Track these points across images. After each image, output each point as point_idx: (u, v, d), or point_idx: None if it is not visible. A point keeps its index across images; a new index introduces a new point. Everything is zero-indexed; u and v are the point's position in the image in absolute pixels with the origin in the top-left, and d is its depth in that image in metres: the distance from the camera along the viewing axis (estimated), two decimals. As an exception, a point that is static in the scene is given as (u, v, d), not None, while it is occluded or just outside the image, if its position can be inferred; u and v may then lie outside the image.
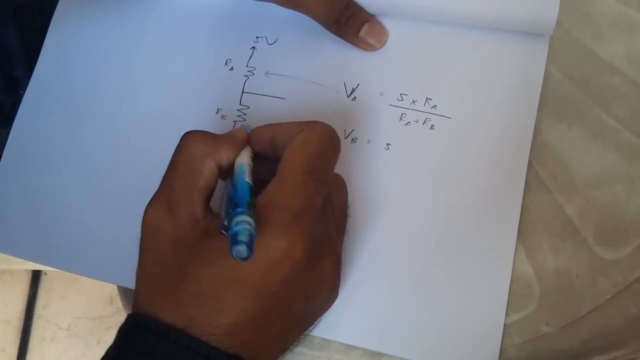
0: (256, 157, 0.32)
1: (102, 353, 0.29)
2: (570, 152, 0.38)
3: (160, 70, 0.43)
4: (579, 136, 0.38)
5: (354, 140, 0.39)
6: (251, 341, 0.28)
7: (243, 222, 0.25)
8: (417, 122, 0.38)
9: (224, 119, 0.41)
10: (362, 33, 0.39)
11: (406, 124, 0.38)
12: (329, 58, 0.40)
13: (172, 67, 0.43)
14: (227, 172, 0.31)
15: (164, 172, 0.40)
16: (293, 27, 0.41)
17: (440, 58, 0.39)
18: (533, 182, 0.37)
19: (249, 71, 0.41)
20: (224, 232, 0.26)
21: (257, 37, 0.42)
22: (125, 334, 0.29)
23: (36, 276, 1.12)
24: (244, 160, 0.31)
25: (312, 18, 0.39)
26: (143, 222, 0.30)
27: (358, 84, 0.40)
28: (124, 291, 0.42)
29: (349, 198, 0.35)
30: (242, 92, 0.41)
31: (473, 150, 0.37)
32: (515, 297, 0.36)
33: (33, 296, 1.11)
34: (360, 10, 0.39)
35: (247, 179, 0.29)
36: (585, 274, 0.36)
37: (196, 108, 0.41)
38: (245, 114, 0.40)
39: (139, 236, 0.30)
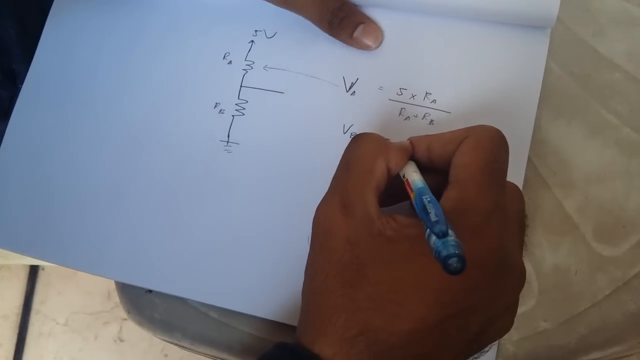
0: None
1: (99, 348, 0.29)
2: (569, 148, 0.37)
3: (158, 64, 0.43)
4: (579, 132, 0.38)
5: (353, 135, 0.38)
6: (426, 355, 0.27)
7: (451, 236, 0.24)
8: (416, 116, 0.38)
9: (222, 113, 0.40)
10: (356, 34, 0.39)
11: (405, 118, 0.38)
12: (328, 52, 0.40)
13: (169, 61, 0.42)
14: (390, 179, 0.30)
15: (160, 165, 0.40)
16: (292, 21, 0.41)
17: (439, 52, 0.39)
18: (532, 178, 0.37)
19: (248, 65, 0.41)
20: (440, 236, 0.24)
21: (255, 30, 0.42)
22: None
23: (34, 271, 1.12)
24: (420, 176, 0.30)
25: (305, 18, 0.39)
26: (315, 222, 0.30)
27: (357, 78, 0.39)
28: (121, 286, 0.42)
29: None
30: (241, 86, 0.41)
31: (472, 146, 0.37)
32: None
33: (30, 291, 1.11)
34: (354, 11, 0.39)
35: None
36: (583, 271, 0.36)
37: (194, 102, 0.41)
38: (244, 108, 0.40)
39: (309, 237, 0.30)
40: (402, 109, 0.38)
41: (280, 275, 0.37)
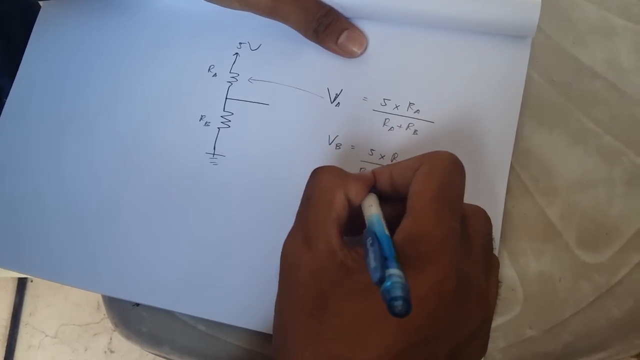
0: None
1: (89, 359, 0.29)
2: (552, 156, 0.38)
3: (143, 77, 0.43)
4: (561, 140, 0.38)
5: (338, 146, 0.39)
6: None
7: (395, 277, 0.24)
8: (400, 127, 0.38)
9: (207, 125, 0.40)
10: (341, 40, 0.39)
11: (390, 129, 0.38)
12: (313, 64, 0.40)
13: (155, 74, 0.42)
14: (354, 210, 0.31)
15: (147, 178, 0.40)
16: (276, 33, 0.41)
17: (422, 62, 0.39)
18: (515, 186, 0.38)
19: (233, 77, 0.41)
20: (377, 284, 0.24)
21: (240, 43, 0.42)
22: None
23: (22, 283, 1.11)
24: (376, 210, 0.30)
25: (291, 27, 0.40)
26: (282, 257, 0.30)
27: (341, 90, 0.40)
28: (108, 300, 0.42)
29: None
30: (226, 98, 0.41)
31: (455, 155, 0.37)
32: (499, 301, 0.36)
33: (19, 303, 1.11)
34: (339, 18, 0.39)
35: (386, 230, 0.28)
36: (567, 278, 0.36)
37: (180, 115, 0.41)
38: (230, 120, 0.40)
39: (278, 270, 0.30)
40: (386, 119, 0.39)
41: (267, 287, 0.37)
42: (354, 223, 0.31)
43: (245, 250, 0.38)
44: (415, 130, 0.38)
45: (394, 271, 0.24)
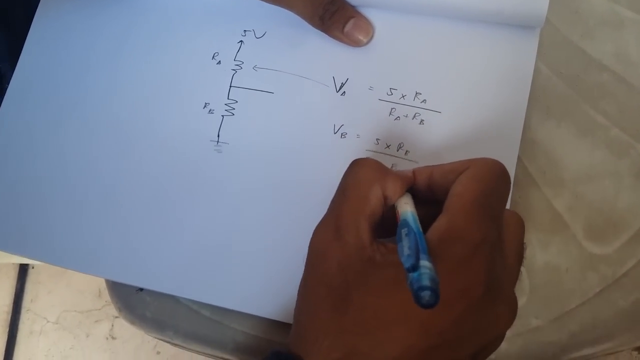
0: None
1: (91, 345, 0.29)
2: (559, 148, 0.38)
3: (146, 64, 0.42)
4: (568, 132, 0.38)
5: (343, 135, 0.38)
6: None
7: (425, 267, 0.24)
8: (406, 116, 0.38)
9: (211, 113, 0.40)
10: (347, 28, 0.39)
11: (396, 118, 0.38)
12: (318, 52, 0.40)
13: (158, 61, 0.42)
14: (387, 210, 0.30)
15: (151, 165, 0.40)
16: (281, 21, 0.40)
17: (429, 52, 0.39)
18: (522, 177, 0.37)
19: (237, 65, 0.41)
20: (408, 270, 0.24)
21: (244, 30, 0.41)
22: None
23: (23, 270, 1.11)
24: (411, 208, 0.29)
25: (297, 14, 0.39)
26: (310, 243, 0.30)
27: (347, 79, 0.39)
28: (111, 285, 0.42)
29: None
30: (230, 86, 0.41)
31: (462, 145, 0.37)
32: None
33: (21, 290, 1.11)
34: (345, 6, 0.39)
35: (420, 227, 0.27)
36: (574, 269, 0.36)
37: (183, 102, 0.41)
38: (234, 109, 0.40)
39: (305, 257, 0.30)
40: (392, 109, 0.38)
41: (271, 273, 0.37)
42: (384, 224, 0.30)
43: (249, 236, 0.38)
44: (422, 120, 0.38)
45: (424, 263, 0.24)
